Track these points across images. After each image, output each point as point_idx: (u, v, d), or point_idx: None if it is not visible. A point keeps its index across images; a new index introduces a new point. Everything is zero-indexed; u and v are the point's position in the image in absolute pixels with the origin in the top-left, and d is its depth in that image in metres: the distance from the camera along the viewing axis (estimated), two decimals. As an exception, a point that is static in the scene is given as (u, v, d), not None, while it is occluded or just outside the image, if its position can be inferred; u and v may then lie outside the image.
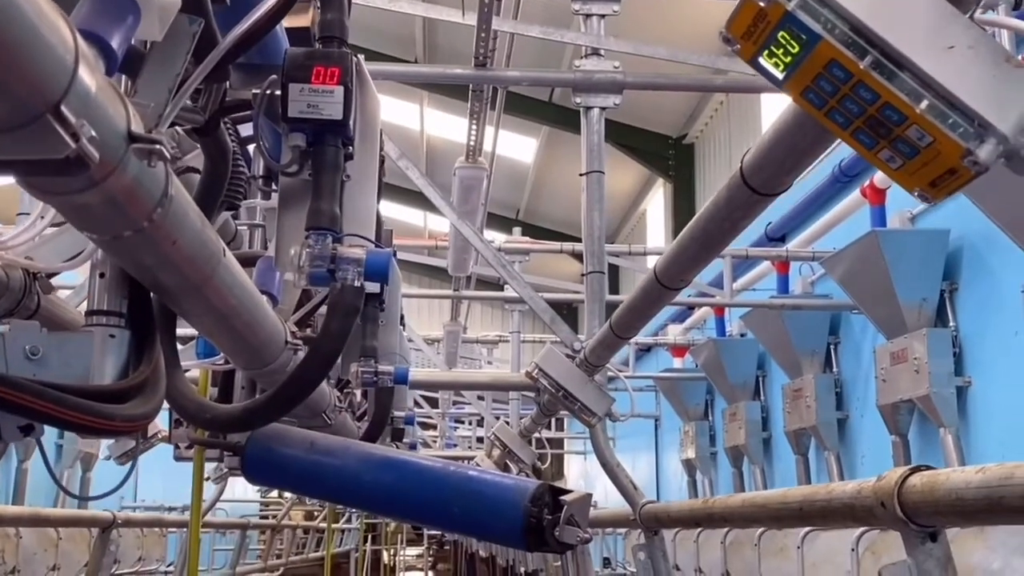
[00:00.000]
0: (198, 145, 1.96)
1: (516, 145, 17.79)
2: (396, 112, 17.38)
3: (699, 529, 8.00)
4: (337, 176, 1.80)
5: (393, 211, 20.02)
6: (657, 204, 18.46)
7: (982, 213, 5.77)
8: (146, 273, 1.54)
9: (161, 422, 5.92)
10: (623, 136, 15.81)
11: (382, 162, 2.78)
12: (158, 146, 1.19)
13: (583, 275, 4.80)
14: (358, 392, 4.34)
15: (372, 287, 3.03)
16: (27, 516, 5.87)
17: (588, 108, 4.82)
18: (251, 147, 2.81)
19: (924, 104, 1.10)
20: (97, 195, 1.20)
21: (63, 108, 0.99)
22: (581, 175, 4.80)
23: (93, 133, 1.02)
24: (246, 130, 2.62)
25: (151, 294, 1.70)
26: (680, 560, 8.09)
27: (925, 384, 6.64)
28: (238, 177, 2.17)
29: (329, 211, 1.77)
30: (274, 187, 2.93)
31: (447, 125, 17.38)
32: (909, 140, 1.12)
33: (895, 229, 7.36)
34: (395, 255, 3.27)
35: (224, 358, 2.60)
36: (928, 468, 2.15)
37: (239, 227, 2.86)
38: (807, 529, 6.22)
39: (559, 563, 9.50)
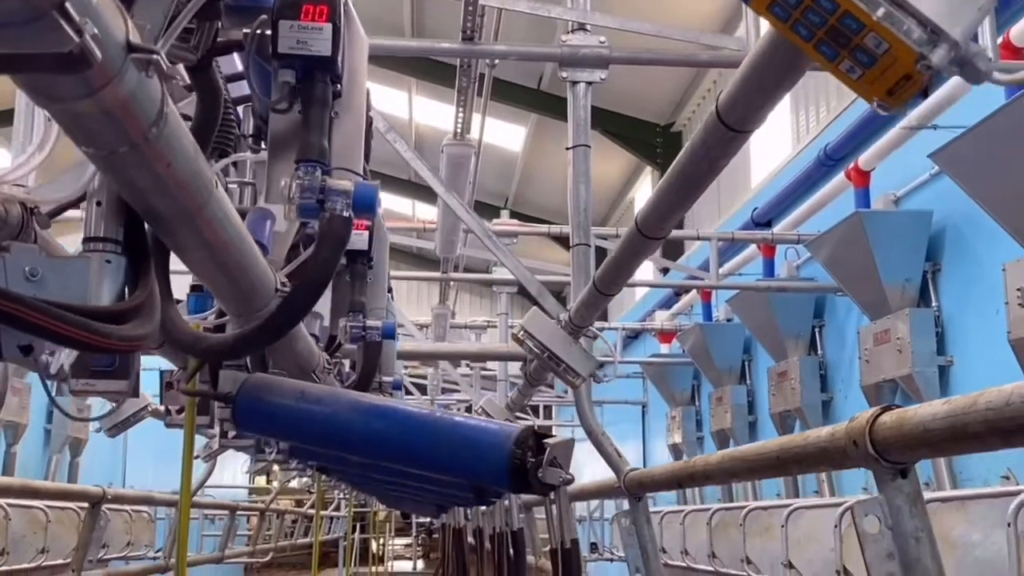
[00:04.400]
0: (189, 94, 2.02)
1: (505, 133, 17.85)
2: (385, 99, 17.40)
3: (685, 512, 8.08)
4: (326, 111, 1.86)
5: (382, 199, 20.03)
6: (645, 191, 18.52)
7: (965, 195, 5.85)
8: (140, 197, 1.59)
9: (151, 396, 5.99)
10: (611, 123, 15.87)
11: (369, 139, 2.83)
12: (156, 57, 1.24)
13: (570, 247, 4.84)
14: (347, 363, 4.40)
15: (360, 244, 3.11)
16: (16, 487, 5.90)
17: (574, 83, 4.88)
18: (241, 108, 2.87)
19: (880, 11, 1.16)
20: (95, 104, 1.25)
21: (68, 5, 1.05)
22: (568, 149, 4.86)
23: (96, 31, 1.08)
24: (236, 92, 2.68)
25: (146, 227, 1.76)
26: (667, 542, 8.15)
27: (908, 364, 6.73)
28: (228, 123, 2.22)
29: (318, 144, 1.83)
30: (264, 146, 3.00)
31: (436, 113, 17.41)
32: (867, 48, 1.19)
33: (879, 210, 7.45)
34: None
35: (215, 312, 2.66)
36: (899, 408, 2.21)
37: (230, 184, 2.91)
38: (792, 507, 6.28)
39: (546, 551, 9.55)
